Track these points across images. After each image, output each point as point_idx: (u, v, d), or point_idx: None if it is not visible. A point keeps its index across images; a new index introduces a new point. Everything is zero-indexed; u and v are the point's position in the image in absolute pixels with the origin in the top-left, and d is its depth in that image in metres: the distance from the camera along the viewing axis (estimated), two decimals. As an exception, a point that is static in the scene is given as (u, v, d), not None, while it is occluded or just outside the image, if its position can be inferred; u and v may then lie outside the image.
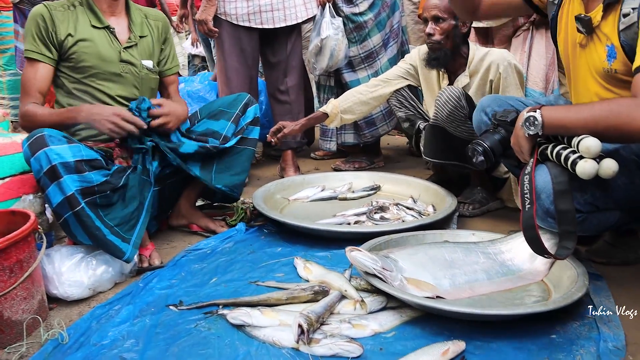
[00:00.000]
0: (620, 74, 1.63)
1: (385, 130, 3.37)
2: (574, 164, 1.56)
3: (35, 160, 1.78)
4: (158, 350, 1.48)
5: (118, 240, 1.88)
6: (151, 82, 2.27)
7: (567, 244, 1.65)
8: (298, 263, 1.92)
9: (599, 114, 1.52)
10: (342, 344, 1.40)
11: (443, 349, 1.38)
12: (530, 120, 1.62)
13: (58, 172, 1.77)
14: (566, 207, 1.62)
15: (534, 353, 1.41)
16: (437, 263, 1.77)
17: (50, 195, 1.80)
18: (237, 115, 2.32)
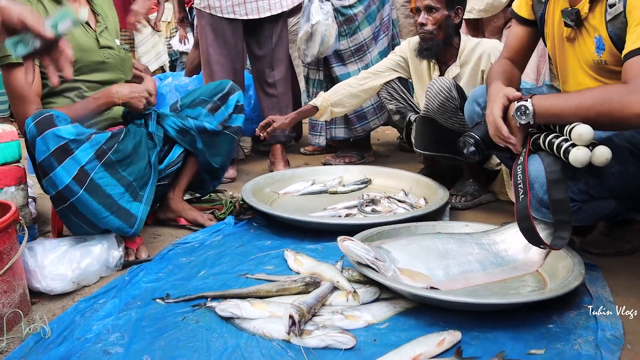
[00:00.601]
0: (610, 64, 1.62)
1: (376, 125, 3.33)
2: (566, 152, 1.53)
3: (42, 140, 1.72)
4: (144, 343, 1.43)
5: (129, 203, 1.89)
6: (129, 61, 2.23)
7: (562, 234, 1.62)
8: (288, 255, 1.88)
9: (590, 101, 1.50)
10: (335, 335, 1.36)
11: (439, 339, 1.34)
12: (522, 109, 1.59)
13: (69, 148, 1.74)
14: (560, 197, 1.59)
15: (531, 343, 1.38)
16: (431, 254, 1.74)
17: (56, 177, 1.74)
18: (215, 104, 2.26)
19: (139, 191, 1.97)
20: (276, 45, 3.12)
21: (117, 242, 1.92)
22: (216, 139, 2.28)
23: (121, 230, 1.91)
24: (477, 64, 2.51)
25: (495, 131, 1.67)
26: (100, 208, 1.83)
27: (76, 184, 1.76)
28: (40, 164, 1.75)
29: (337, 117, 3.26)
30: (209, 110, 2.24)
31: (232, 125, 2.31)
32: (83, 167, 1.77)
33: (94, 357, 1.39)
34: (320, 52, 3.05)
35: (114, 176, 1.86)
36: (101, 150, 1.82)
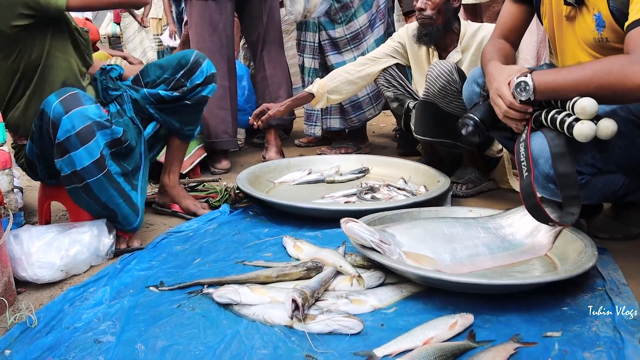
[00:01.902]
0: (612, 42, 1.57)
1: (372, 114, 3.26)
2: (570, 127, 1.48)
3: (68, 118, 1.67)
4: (137, 331, 1.35)
5: (130, 192, 1.85)
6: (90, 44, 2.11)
7: (571, 209, 1.56)
8: (287, 241, 1.80)
9: (590, 73, 1.46)
10: (341, 319, 1.28)
11: (450, 322, 1.27)
12: (522, 85, 1.55)
13: (93, 130, 1.70)
14: (566, 170, 1.54)
15: (546, 325, 1.32)
16: (437, 237, 1.67)
17: (77, 157, 1.70)
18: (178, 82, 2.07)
19: (132, 180, 1.90)
20: (267, 26, 3.05)
21: (108, 230, 1.83)
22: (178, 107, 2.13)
23: (127, 219, 1.87)
24: (478, 49, 2.44)
25: (507, 107, 1.60)
26: (116, 194, 1.80)
27: (96, 168, 1.72)
28: (60, 143, 1.69)
29: (332, 107, 3.21)
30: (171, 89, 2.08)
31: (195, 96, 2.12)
32: (102, 151, 1.73)
33: (84, 346, 1.30)
34: (307, 10, 2.88)
35: (118, 164, 1.82)
36: (116, 142, 1.79)
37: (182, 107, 2.13)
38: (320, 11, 3.00)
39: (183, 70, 2.05)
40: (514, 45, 1.95)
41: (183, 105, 2.12)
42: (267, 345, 1.25)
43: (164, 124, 2.15)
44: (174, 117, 2.14)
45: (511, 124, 1.66)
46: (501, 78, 1.64)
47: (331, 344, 1.25)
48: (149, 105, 2.08)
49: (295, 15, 2.98)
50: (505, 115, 1.63)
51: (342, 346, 1.24)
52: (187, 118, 2.18)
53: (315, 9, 2.96)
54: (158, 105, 2.10)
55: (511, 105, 1.59)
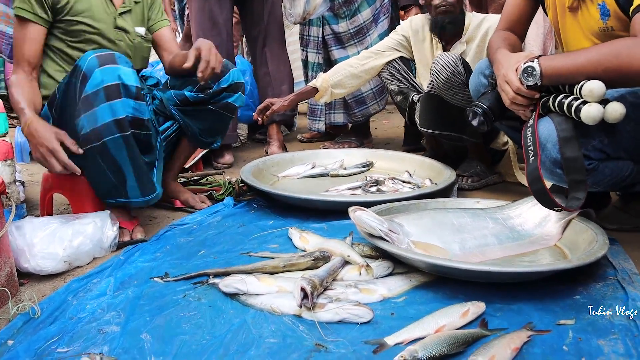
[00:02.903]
0: (617, 30, 1.56)
1: (375, 110, 3.24)
2: (577, 110, 1.47)
3: (101, 71, 1.68)
4: (142, 321, 1.33)
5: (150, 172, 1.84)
6: (144, 51, 2.13)
7: (577, 194, 1.54)
8: (293, 233, 1.78)
9: (597, 56, 1.45)
10: (350, 308, 1.26)
11: (462, 310, 1.25)
12: (528, 70, 1.55)
13: (119, 92, 1.69)
14: (573, 154, 1.52)
15: (559, 314, 1.29)
16: (445, 228, 1.65)
17: (100, 112, 1.69)
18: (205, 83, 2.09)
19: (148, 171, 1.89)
20: (268, 23, 3.03)
21: (112, 222, 1.81)
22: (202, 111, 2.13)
23: (136, 190, 1.84)
24: (483, 40, 2.43)
25: (514, 92, 1.58)
26: (129, 161, 1.77)
27: (116, 126, 1.70)
28: (88, 96, 1.68)
29: (336, 102, 3.19)
30: (196, 90, 2.10)
31: (220, 102, 2.13)
32: (124, 117, 1.71)
33: (88, 336, 1.27)
34: (307, 11, 2.86)
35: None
36: (139, 122, 1.77)
37: (205, 112, 2.13)
38: (319, 13, 2.99)
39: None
40: (520, 37, 1.94)
41: (207, 110, 2.12)
42: (275, 335, 1.23)
43: (184, 126, 2.14)
44: (195, 121, 2.13)
45: (518, 110, 1.64)
46: (509, 64, 1.63)
47: (341, 333, 1.23)
48: (173, 106, 2.08)
49: (295, 17, 2.97)
50: (513, 102, 1.62)
51: (352, 335, 1.22)
52: (208, 125, 2.16)
53: (315, 10, 2.94)
54: (182, 108, 2.10)
55: (518, 91, 1.58)
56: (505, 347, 1.10)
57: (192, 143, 2.21)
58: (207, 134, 2.18)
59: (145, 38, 2.11)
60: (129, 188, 1.83)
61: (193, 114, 2.11)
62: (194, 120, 2.12)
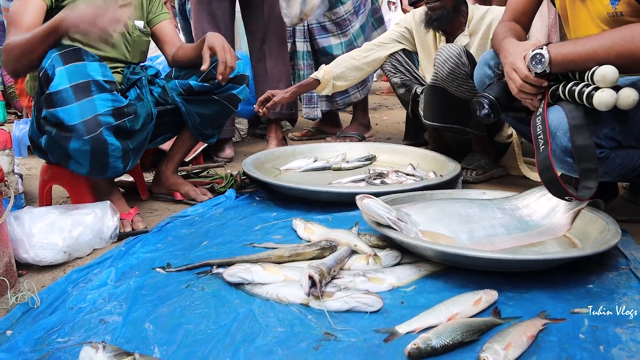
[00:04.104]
0: (627, 15, 1.54)
1: (357, 98, 3.29)
2: (589, 96, 1.44)
3: (67, 70, 1.61)
4: (145, 311, 1.29)
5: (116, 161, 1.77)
6: (142, 45, 2.10)
7: (588, 183, 1.51)
8: (298, 224, 1.75)
9: (610, 42, 1.43)
10: (360, 296, 1.22)
11: (475, 298, 1.22)
12: (537, 57, 1.53)
13: (90, 89, 1.63)
14: (584, 143, 1.49)
15: (572, 302, 1.26)
16: (453, 218, 1.62)
17: (67, 112, 1.62)
18: (209, 72, 2.06)
19: (131, 157, 1.85)
20: (268, 18, 2.99)
21: (112, 212, 1.77)
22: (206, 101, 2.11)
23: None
24: (486, 32, 2.40)
25: (522, 80, 1.55)
26: (88, 163, 1.72)
27: (84, 128, 1.63)
28: (51, 95, 1.61)
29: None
30: (202, 80, 2.09)
31: (225, 93, 2.13)
32: (98, 116, 1.65)
33: (89, 326, 1.24)
34: (303, 12, 2.84)
35: (120, 140, 1.74)
36: (120, 111, 1.71)
37: (209, 102, 2.11)
38: (316, 14, 2.98)
39: (216, 64, 2.01)
40: (525, 28, 1.91)
41: (211, 100, 2.10)
42: (282, 324, 1.19)
43: (186, 115, 2.10)
44: (198, 110, 2.11)
45: (526, 99, 1.62)
46: (516, 52, 1.60)
47: (350, 322, 1.19)
48: (177, 95, 2.05)
49: (291, 18, 2.94)
50: (521, 90, 1.59)
51: (362, 323, 1.19)
52: (210, 117, 2.15)
53: (312, 12, 2.93)
54: (186, 97, 2.08)
55: (526, 79, 1.55)
56: (521, 334, 1.07)
57: (191, 134, 2.18)
58: (208, 125, 2.15)
59: (144, 32, 2.08)
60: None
61: (197, 103, 2.09)
62: (197, 109, 2.09)
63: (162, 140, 2.22)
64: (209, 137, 2.21)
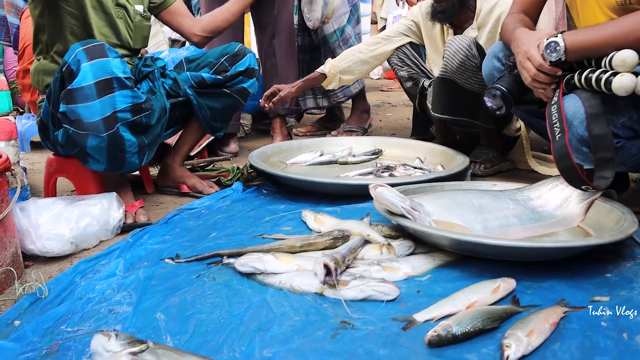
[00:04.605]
0: (636, 3, 1.52)
1: (357, 89, 3.28)
2: (608, 82, 1.42)
3: (92, 66, 1.60)
4: (155, 301, 1.26)
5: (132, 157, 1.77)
6: (144, 30, 2.07)
7: (605, 173, 1.49)
8: (307, 215, 1.72)
9: (628, 26, 1.41)
10: (376, 284, 1.20)
11: (493, 286, 1.20)
12: (552, 45, 1.50)
13: (112, 86, 1.62)
14: (601, 132, 1.47)
15: (592, 291, 1.24)
16: (466, 207, 1.59)
17: (88, 108, 1.61)
18: (222, 65, 2.09)
19: (146, 152, 1.84)
20: (279, 14, 2.97)
21: (118, 204, 1.75)
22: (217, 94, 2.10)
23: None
24: (495, 25, 2.38)
25: (536, 69, 1.53)
26: (105, 159, 1.71)
27: (103, 126, 1.63)
28: (72, 90, 1.60)
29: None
30: (213, 72, 2.08)
31: (236, 86, 2.12)
32: (116, 112, 1.64)
33: (99, 316, 1.21)
34: (325, 15, 2.89)
35: (135, 136, 1.74)
36: (138, 107, 1.71)
37: (220, 96, 2.10)
38: (337, 16, 2.99)
39: (227, 56, 2.05)
40: (533, 20, 1.89)
41: (222, 93, 2.09)
42: (298, 312, 1.17)
43: (196, 108, 2.09)
44: (209, 103, 2.09)
45: (539, 89, 1.59)
46: (530, 41, 1.58)
47: (366, 311, 1.17)
48: (189, 87, 2.04)
49: (314, 22, 2.98)
50: (534, 79, 1.56)
51: (379, 312, 1.16)
52: (220, 110, 2.14)
53: (334, 14, 2.94)
54: (197, 90, 2.07)
55: (540, 67, 1.53)
56: (543, 321, 1.05)
57: (201, 126, 2.15)
58: (218, 118, 2.14)
59: (144, 16, 2.06)
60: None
61: (208, 96, 2.07)
62: (208, 102, 2.08)
63: (171, 133, 2.20)
64: (217, 130, 2.19)
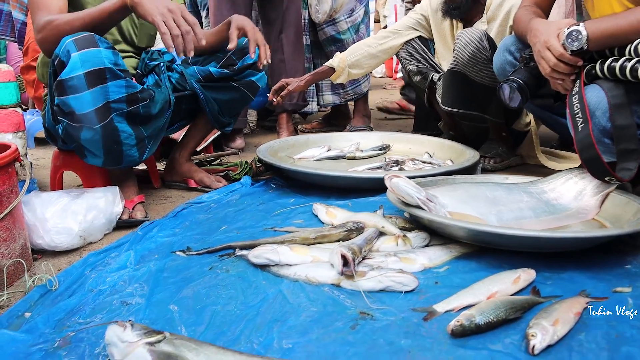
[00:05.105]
0: None
1: (366, 87, 3.28)
2: (634, 70, 1.40)
3: (82, 55, 1.54)
4: (168, 293, 1.24)
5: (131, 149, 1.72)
6: (149, 28, 2.04)
7: (628, 164, 1.47)
8: (319, 208, 1.70)
9: None
10: (394, 275, 1.18)
11: (514, 276, 1.17)
12: (573, 34, 1.47)
13: (105, 76, 1.57)
14: (625, 122, 1.45)
15: (612, 282, 1.22)
16: (480, 200, 1.57)
17: (79, 100, 1.56)
18: (229, 59, 2.05)
19: (147, 145, 1.80)
20: (287, 9, 2.95)
21: (120, 198, 1.72)
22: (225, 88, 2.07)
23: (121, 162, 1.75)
24: (505, 19, 2.36)
25: (556, 59, 1.50)
26: (102, 153, 1.67)
27: (95, 117, 1.58)
28: (62, 82, 1.55)
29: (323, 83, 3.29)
30: (221, 67, 2.05)
31: (244, 79, 2.10)
32: (109, 103, 1.60)
33: (111, 308, 1.19)
34: (334, 9, 2.89)
35: (132, 127, 1.69)
36: (134, 97, 1.66)
37: (228, 89, 2.06)
38: (345, 10, 2.98)
39: (235, 50, 1.99)
40: (545, 13, 1.87)
41: (230, 86, 2.06)
42: (315, 303, 1.15)
43: (204, 103, 2.06)
44: (216, 97, 2.06)
45: (558, 80, 1.57)
46: (549, 31, 1.56)
47: (385, 302, 1.15)
48: (196, 82, 2.01)
49: (322, 15, 2.98)
50: (554, 69, 1.54)
51: (398, 303, 1.14)
52: (228, 104, 2.10)
53: (341, 8, 2.94)
54: (204, 84, 2.03)
55: (561, 57, 1.51)
56: (567, 311, 1.02)
57: (209, 121, 2.13)
58: (226, 113, 2.11)
59: None
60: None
61: (215, 90, 2.04)
62: (215, 96, 2.05)
63: (177, 127, 2.17)
64: (225, 125, 2.16)
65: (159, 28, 1.54)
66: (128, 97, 1.64)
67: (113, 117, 1.62)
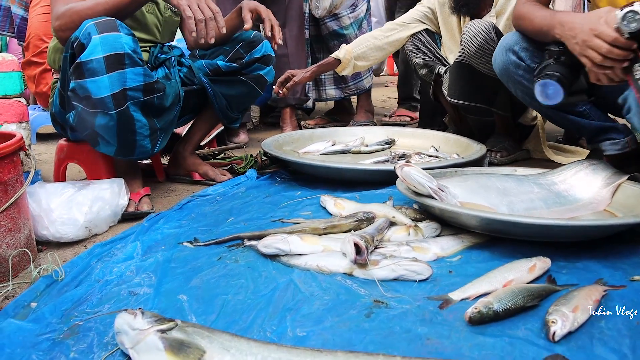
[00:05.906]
0: None
1: (369, 83, 3.27)
2: None
3: (102, 39, 1.52)
4: (176, 283, 1.22)
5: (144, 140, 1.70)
6: (173, 25, 2.05)
7: None
8: (327, 200, 1.68)
9: None
10: (408, 263, 1.16)
11: (529, 264, 1.15)
12: (629, 16, 1.33)
13: (124, 61, 1.55)
14: None
15: (629, 271, 1.20)
16: (490, 190, 1.55)
17: (96, 84, 1.54)
18: (236, 52, 2.04)
19: (159, 138, 1.78)
20: (290, 3, 2.93)
21: (125, 190, 1.70)
22: (233, 82, 2.06)
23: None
24: (512, 12, 2.34)
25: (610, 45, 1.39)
26: (115, 140, 1.65)
27: (112, 102, 1.56)
28: (82, 63, 1.53)
29: (325, 77, 3.26)
30: (229, 60, 2.03)
31: (252, 73, 2.09)
32: (126, 90, 1.57)
33: (118, 298, 1.17)
34: (333, 5, 2.88)
35: (146, 117, 1.67)
36: (150, 87, 1.64)
37: (236, 83, 2.05)
38: (345, 6, 2.96)
39: (243, 43, 2.00)
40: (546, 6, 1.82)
41: (238, 80, 2.05)
42: (327, 292, 1.13)
43: (212, 97, 2.04)
44: (224, 92, 2.05)
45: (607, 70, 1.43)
46: (591, 20, 1.44)
47: (399, 290, 1.13)
48: (204, 75, 2.00)
49: (322, 11, 2.96)
50: (606, 57, 1.40)
51: (412, 291, 1.12)
52: (236, 98, 2.09)
53: (342, 3, 2.91)
54: (212, 77, 2.02)
55: (615, 42, 1.37)
56: (587, 298, 1.00)
57: (217, 115, 2.11)
58: (234, 107, 2.10)
59: (175, 12, 2.01)
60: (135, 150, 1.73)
61: (223, 84, 2.03)
62: (223, 90, 2.04)
63: (185, 121, 2.15)
64: (233, 120, 2.15)
65: (184, 12, 1.55)
66: (145, 87, 1.62)
67: (129, 105, 1.60)
